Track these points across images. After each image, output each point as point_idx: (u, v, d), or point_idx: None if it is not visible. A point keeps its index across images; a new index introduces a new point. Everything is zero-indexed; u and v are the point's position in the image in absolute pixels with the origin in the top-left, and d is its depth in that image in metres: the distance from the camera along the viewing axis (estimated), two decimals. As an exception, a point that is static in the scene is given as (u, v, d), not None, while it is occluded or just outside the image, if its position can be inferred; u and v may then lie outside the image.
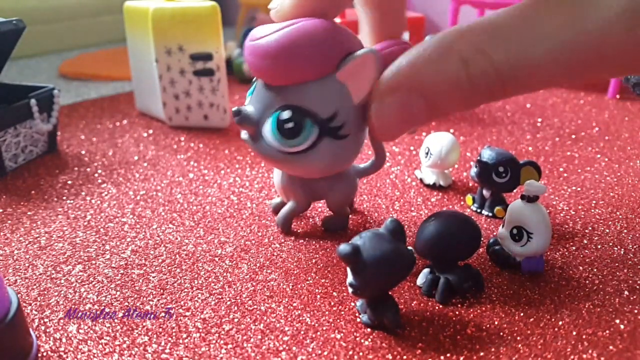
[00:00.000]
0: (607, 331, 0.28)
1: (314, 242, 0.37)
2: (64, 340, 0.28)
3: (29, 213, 0.42)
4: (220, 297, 0.31)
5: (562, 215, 0.41)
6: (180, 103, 0.59)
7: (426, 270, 0.32)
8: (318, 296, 0.31)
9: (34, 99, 0.51)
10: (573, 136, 0.59)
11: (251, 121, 0.31)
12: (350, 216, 0.40)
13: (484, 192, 0.41)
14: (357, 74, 0.29)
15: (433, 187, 0.46)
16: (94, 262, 0.35)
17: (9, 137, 0.49)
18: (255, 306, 0.30)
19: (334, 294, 0.31)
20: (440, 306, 0.30)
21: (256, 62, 0.29)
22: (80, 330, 0.29)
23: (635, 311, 0.30)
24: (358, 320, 0.29)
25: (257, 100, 0.31)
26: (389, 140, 0.30)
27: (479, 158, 0.40)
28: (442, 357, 0.26)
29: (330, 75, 0.29)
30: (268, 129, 0.31)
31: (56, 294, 0.32)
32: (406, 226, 0.39)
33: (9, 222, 0.41)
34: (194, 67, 0.57)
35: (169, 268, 0.34)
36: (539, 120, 0.65)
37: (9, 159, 0.49)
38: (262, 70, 0.30)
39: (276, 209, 0.41)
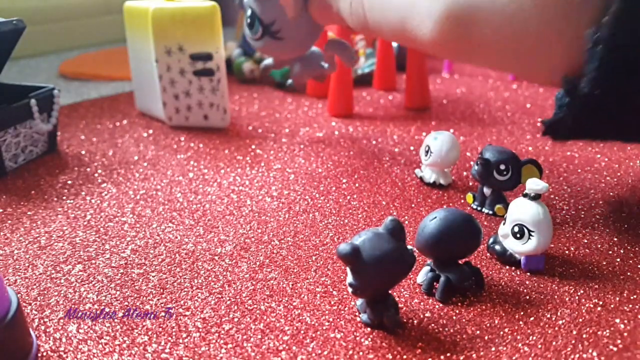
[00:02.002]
0: (607, 331, 0.28)
1: (313, 238, 0.37)
2: (64, 340, 0.28)
3: (29, 213, 0.42)
4: (220, 296, 0.31)
5: (562, 214, 0.41)
6: (180, 103, 0.59)
7: (426, 268, 0.32)
8: (318, 295, 0.31)
9: (34, 99, 0.51)
10: (573, 135, 0.59)
11: (243, 7, 0.50)
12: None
13: (485, 190, 0.41)
14: (285, 1, 0.46)
15: (433, 185, 0.46)
16: (93, 261, 0.35)
17: (9, 137, 0.49)
18: (255, 305, 0.30)
19: (334, 293, 0.31)
20: (441, 305, 0.30)
21: None
22: (80, 330, 0.29)
23: (635, 311, 0.30)
24: (358, 319, 0.29)
25: (248, 1, 0.50)
26: (322, 23, 0.49)
27: (480, 156, 0.40)
28: (442, 357, 0.26)
29: None
30: (246, 20, 0.50)
31: (56, 293, 0.32)
32: (406, 224, 0.39)
33: (9, 222, 0.41)
34: (194, 67, 0.57)
35: (169, 267, 0.34)
36: (539, 120, 0.65)
37: (9, 159, 0.49)
38: None
39: (263, 67, 0.58)
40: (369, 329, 0.28)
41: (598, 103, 0.31)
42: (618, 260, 0.35)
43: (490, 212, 0.41)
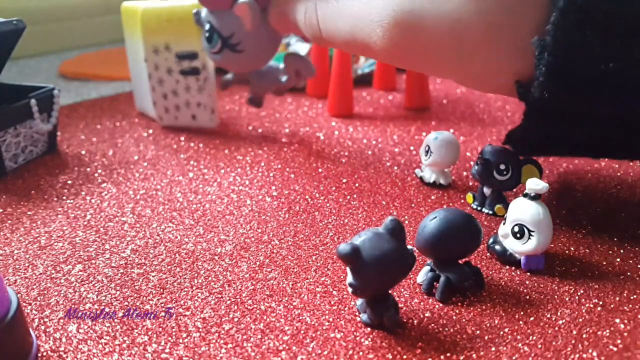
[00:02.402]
0: (607, 330, 0.28)
1: (313, 238, 0.37)
2: (64, 340, 0.28)
3: (29, 213, 0.42)
4: (220, 296, 0.31)
5: (562, 214, 0.41)
6: (168, 102, 0.59)
7: (426, 268, 0.32)
8: (318, 295, 0.31)
9: (34, 99, 0.51)
10: (573, 135, 0.59)
11: (200, 22, 0.49)
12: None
13: (485, 190, 0.41)
14: (242, 12, 0.45)
15: (433, 185, 0.46)
16: (93, 261, 0.35)
17: (9, 137, 0.49)
18: (255, 305, 0.30)
19: (334, 292, 0.31)
20: (441, 305, 0.30)
21: None
22: (80, 330, 0.29)
23: (635, 311, 0.30)
24: (358, 319, 0.29)
25: (205, 12, 0.49)
26: (282, 33, 0.48)
27: (480, 155, 0.40)
28: (442, 357, 0.26)
29: (230, 8, 0.46)
30: (204, 34, 0.49)
31: (56, 293, 0.32)
32: (406, 224, 0.39)
33: (9, 222, 0.41)
34: (181, 66, 0.57)
35: (169, 267, 0.34)
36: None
37: (9, 159, 0.49)
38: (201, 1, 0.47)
39: (224, 83, 0.56)
40: (369, 329, 0.28)
41: (549, 109, 0.32)
42: (618, 260, 0.35)
43: (490, 212, 0.41)
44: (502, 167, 0.38)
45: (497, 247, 0.34)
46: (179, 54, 0.56)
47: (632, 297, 0.31)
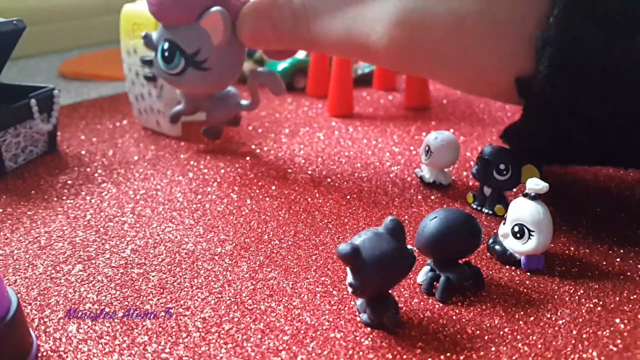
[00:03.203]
0: (607, 330, 0.28)
1: (313, 238, 0.37)
2: (63, 340, 0.28)
3: (28, 213, 0.42)
4: (220, 296, 0.31)
5: (562, 214, 0.41)
6: (140, 105, 0.59)
7: (426, 268, 0.32)
8: (318, 295, 0.31)
9: (34, 99, 0.51)
10: (573, 135, 0.59)
11: (153, 45, 0.45)
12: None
13: (485, 190, 0.41)
14: (210, 24, 0.41)
15: (433, 185, 0.46)
16: (93, 261, 0.35)
17: (9, 137, 0.49)
18: (255, 305, 0.30)
19: (334, 292, 0.31)
20: (441, 305, 0.30)
21: (151, 8, 0.42)
22: (80, 330, 0.29)
23: (635, 311, 0.30)
24: (358, 319, 0.29)
25: (158, 31, 0.44)
26: (253, 47, 0.44)
27: (480, 155, 0.40)
28: (442, 357, 0.26)
29: (196, 21, 0.41)
30: (158, 54, 0.44)
31: (56, 293, 0.32)
32: (406, 224, 0.39)
33: (9, 222, 0.41)
34: (144, 72, 0.56)
35: (169, 267, 0.34)
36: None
37: (9, 159, 0.49)
38: (155, 14, 0.42)
39: (174, 118, 0.53)
40: (369, 329, 0.28)
41: (549, 106, 0.32)
42: (618, 260, 0.35)
43: (490, 212, 0.41)
44: (502, 167, 0.38)
45: (497, 247, 0.34)
46: (142, 59, 0.55)
47: (632, 297, 0.31)
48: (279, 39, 0.41)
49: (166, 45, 0.42)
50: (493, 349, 0.27)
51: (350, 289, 0.27)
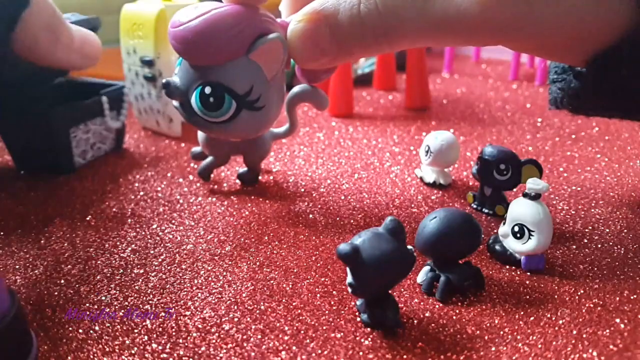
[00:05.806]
0: (608, 330, 0.28)
1: (313, 238, 0.37)
2: (64, 340, 0.28)
3: (28, 213, 0.42)
4: (220, 296, 0.31)
5: (562, 214, 0.41)
6: (140, 105, 0.59)
7: (426, 268, 0.32)
8: (318, 295, 0.31)
9: (105, 96, 0.51)
10: (573, 136, 0.59)
11: (180, 92, 0.35)
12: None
13: (485, 190, 0.41)
14: (267, 55, 0.33)
15: (433, 185, 0.46)
16: (93, 261, 0.35)
17: (79, 133, 0.49)
18: (255, 305, 0.30)
19: (334, 293, 0.31)
20: (441, 305, 0.30)
21: (178, 47, 0.33)
22: (80, 330, 0.29)
23: (636, 310, 0.30)
24: (358, 319, 0.29)
25: (183, 73, 0.35)
26: (305, 65, 0.35)
27: (480, 155, 0.40)
28: (442, 357, 0.26)
29: (245, 55, 0.33)
30: (194, 101, 0.34)
31: (56, 293, 0.32)
32: (406, 224, 0.39)
33: (10, 221, 0.41)
34: (144, 72, 0.56)
35: (169, 267, 0.34)
36: (539, 120, 0.65)
37: (77, 155, 0.49)
38: (184, 54, 0.34)
39: (195, 157, 0.47)
40: (369, 329, 0.28)
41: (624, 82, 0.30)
42: (618, 260, 0.35)
43: (490, 212, 0.41)
44: (502, 167, 0.38)
45: (497, 247, 0.34)
46: (142, 59, 0.55)
47: (632, 297, 0.31)
48: (327, 61, 0.33)
49: (208, 90, 0.33)
50: (493, 349, 0.27)
51: (350, 289, 0.27)
